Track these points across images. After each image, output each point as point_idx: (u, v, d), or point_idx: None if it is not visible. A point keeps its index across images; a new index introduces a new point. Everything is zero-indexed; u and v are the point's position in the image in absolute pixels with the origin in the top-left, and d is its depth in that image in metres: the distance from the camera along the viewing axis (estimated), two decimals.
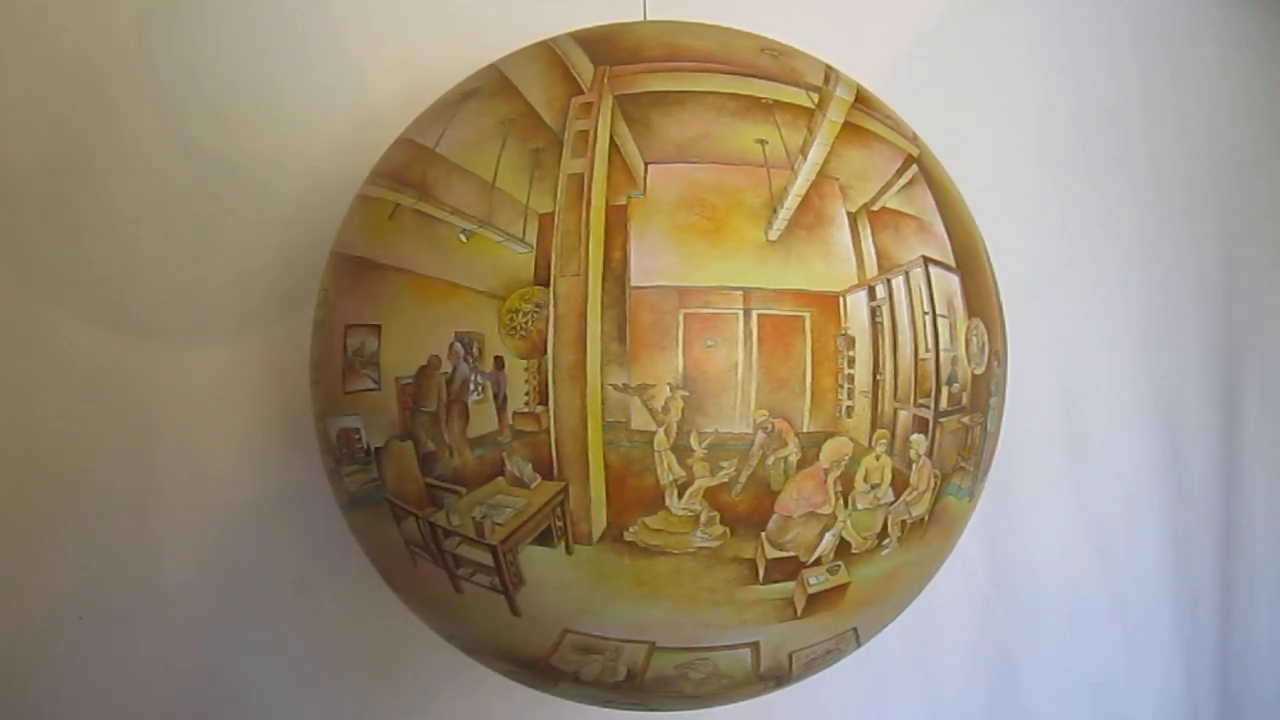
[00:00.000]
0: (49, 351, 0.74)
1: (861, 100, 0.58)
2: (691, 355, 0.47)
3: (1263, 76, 1.03)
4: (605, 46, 0.57)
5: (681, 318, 0.48)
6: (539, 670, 0.57)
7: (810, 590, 0.53)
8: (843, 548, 0.52)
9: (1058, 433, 0.98)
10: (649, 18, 0.66)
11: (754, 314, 0.48)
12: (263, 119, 0.77)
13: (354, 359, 0.54)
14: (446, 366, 0.50)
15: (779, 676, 0.58)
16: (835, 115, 0.55)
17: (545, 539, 0.50)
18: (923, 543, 0.57)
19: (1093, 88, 0.97)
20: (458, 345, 0.50)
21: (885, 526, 0.53)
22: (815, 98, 0.56)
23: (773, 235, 0.49)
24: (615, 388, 0.47)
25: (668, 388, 0.47)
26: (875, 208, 0.53)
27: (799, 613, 0.53)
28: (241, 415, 0.78)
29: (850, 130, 0.55)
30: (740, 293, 0.48)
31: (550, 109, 0.53)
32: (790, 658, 0.57)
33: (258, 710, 0.81)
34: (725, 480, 0.48)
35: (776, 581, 0.51)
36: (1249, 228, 1.02)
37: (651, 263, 0.48)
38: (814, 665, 0.60)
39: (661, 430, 0.47)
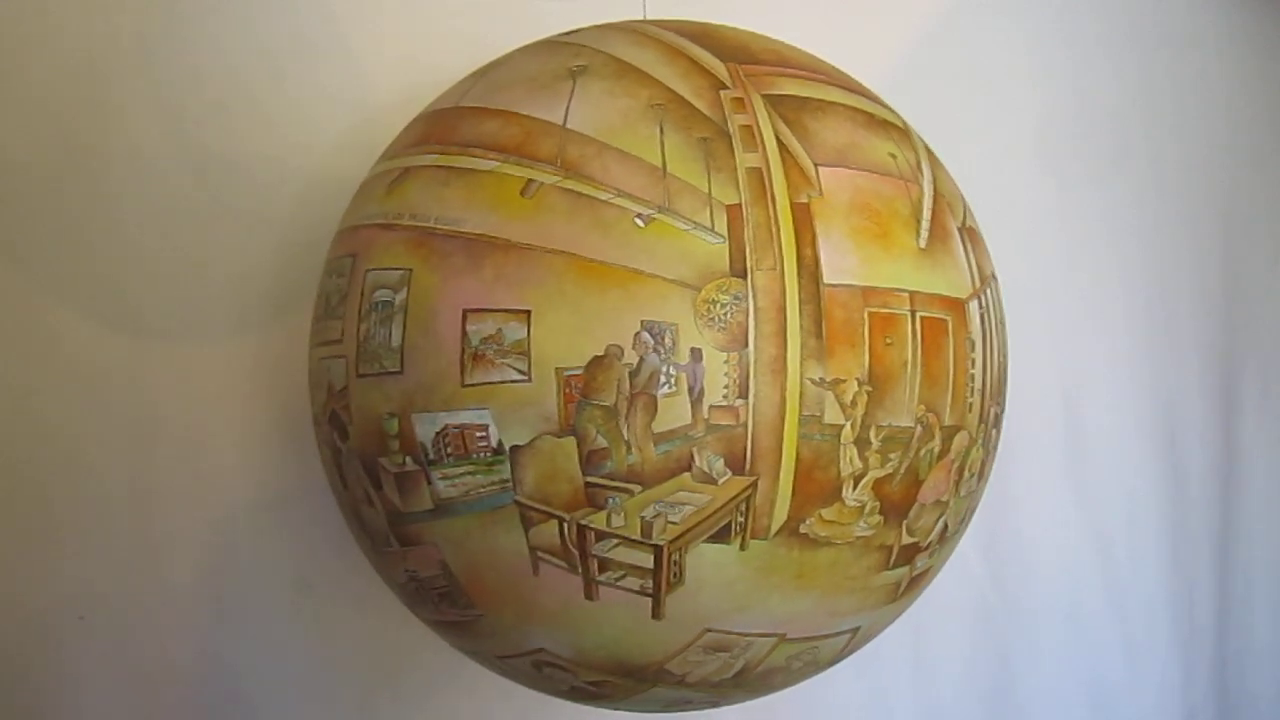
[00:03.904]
0: (49, 351, 0.74)
1: None
2: (875, 352, 0.50)
3: (1263, 76, 1.04)
4: (713, 43, 0.57)
5: (866, 315, 0.50)
6: (642, 676, 0.55)
7: (914, 573, 0.57)
8: (942, 533, 0.57)
9: (1056, 432, 0.99)
10: (649, 17, 0.67)
11: (918, 315, 0.52)
12: (263, 118, 0.77)
13: (484, 347, 0.49)
14: (630, 357, 0.47)
15: (841, 658, 0.62)
16: (918, 139, 0.61)
17: (720, 536, 0.49)
18: (966, 527, 0.64)
19: (1092, 88, 0.98)
20: (645, 335, 0.47)
21: (966, 513, 0.60)
22: (902, 121, 0.60)
23: (921, 243, 0.53)
24: (813, 382, 0.48)
25: (855, 382, 0.49)
26: (967, 225, 0.59)
27: (899, 595, 0.57)
28: (241, 415, 0.77)
29: (930, 154, 0.61)
30: (908, 295, 0.51)
31: (699, 99, 0.52)
32: (865, 638, 0.61)
33: (258, 710, 0.81)
34: (890, 471, 0.51)
35: (899, 566, 0.55)
36: (1248, 228, 1.03)
37: (839, 261, 0.50)
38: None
39: (849, 424, 0.49)
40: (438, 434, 0.50)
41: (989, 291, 0.59)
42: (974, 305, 0.56)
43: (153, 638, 0.78)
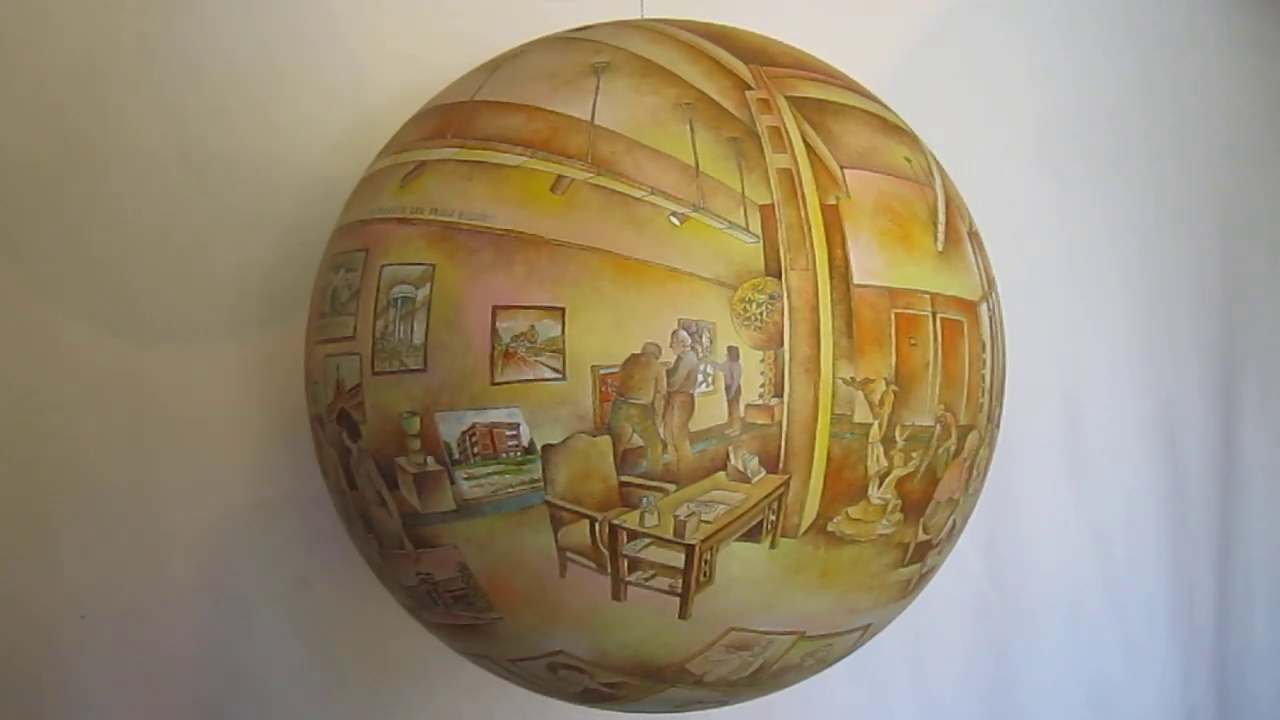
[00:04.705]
0: (49, 351, 0.74)
1: None
2: (901, 352, 0.51)
3: (1263, 76, 1.03)
4: (732, 44, 0.58)
5: (892, 316, 0.51)
6: (661, 677, 0.55)
7: (924, 570, 0.59)
8: (951, 530, 0.59)
9: (1056, 432, 0.98)
10: (645, 15, 0.67)
11: (938, 316, 0.53)
12: (263, 118, 0.78)
13: (516, 344, 0.48)
14: (668, 356, 0.47)
15: (846, 655, 0.63)
16: (925, 144, 0.62)
17: (751, 535, 0.49)
18: (966, 525, 0.65)
19: (1092, 88, 0.97)
20: (683, 334, 0.47)
21: (970, 511, 0.61)
22: (908, 126, 0.62)
23: (939, 246, 0.54)
24: (844, 381, 0.49)
25: (883, 382, 0.50)
26: (973, 230, 0.60)
27: (908, 591, 0.59)
28: (242, 415, 0.77)
29: (935, 159, 0.62)
30: (929, 297, 0.52)
31: (725, 99, 0.53)
32: (871, 635, 0.62)
33: (258, 710, 0.81)
34: (912, 470, 0.52)
35: (912, 563, 0.56)
36: (1248, 228, 1.03)
37: (867, 263, 0.50)
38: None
39: (876, 423, 0.50)
40: (464, 433, 0.49)
41: (994, 295, 0.60)
42: (984, 307, 0.57)
43: (153, 637, 0.78)
